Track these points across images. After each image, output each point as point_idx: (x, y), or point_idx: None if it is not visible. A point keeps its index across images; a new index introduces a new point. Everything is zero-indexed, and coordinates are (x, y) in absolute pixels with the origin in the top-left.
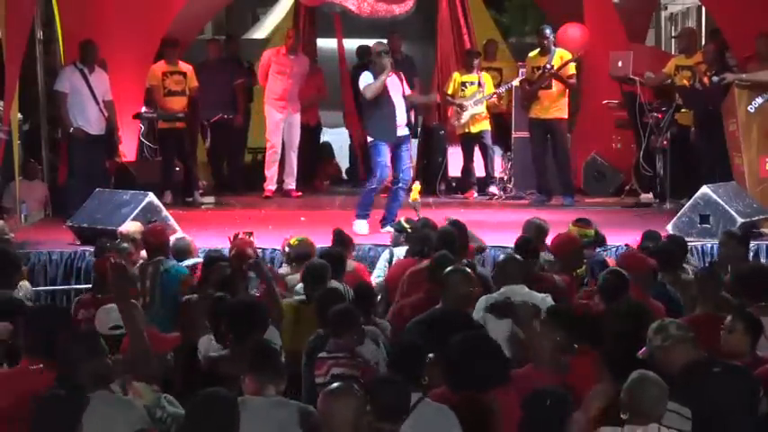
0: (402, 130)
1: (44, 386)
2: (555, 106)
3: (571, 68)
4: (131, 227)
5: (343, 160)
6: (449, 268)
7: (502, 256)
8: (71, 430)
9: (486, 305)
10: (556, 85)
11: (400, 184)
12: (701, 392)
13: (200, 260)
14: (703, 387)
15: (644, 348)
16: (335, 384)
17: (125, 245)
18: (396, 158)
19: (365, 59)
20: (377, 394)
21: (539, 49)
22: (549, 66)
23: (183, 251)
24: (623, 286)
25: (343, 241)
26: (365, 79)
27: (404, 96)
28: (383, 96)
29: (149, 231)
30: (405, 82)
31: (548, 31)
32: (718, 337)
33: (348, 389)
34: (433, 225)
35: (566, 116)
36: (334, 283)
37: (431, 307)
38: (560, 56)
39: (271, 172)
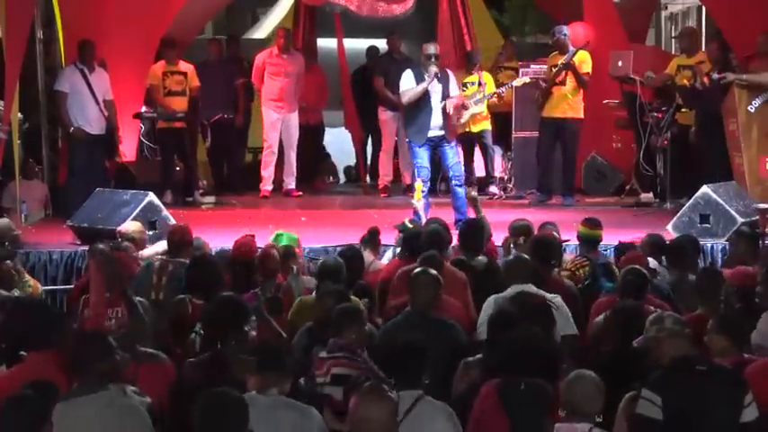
0: (436, 132)
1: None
2: (568, 104)
3: (586, 66)
4: (130, 226)
5: (343, 160)
6: (416, 270)
7: (510, 256)
8: (37, 430)
9: (494, 306)
10: (570, 82)
11: (453, 182)
12: (677, 387)
13: None
14: (680, 382)
15: (640, 338)
16: (368, 385)
17: (126, 243)
18: (441, 157)
19: (372, 61)
20: None
21: (557, 50)
22: (564, 62)
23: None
24: (644, 285)
25: (373, 241)
26: (406, 80)
27: (446, 98)
28: (422, 99)
29: (174, 229)
30: (452, 84)
31: (564, 30)
32: None
33: (381, 390)
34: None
35: (581, 116)
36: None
37: None
38: (581, 57)
39: (267, 172)
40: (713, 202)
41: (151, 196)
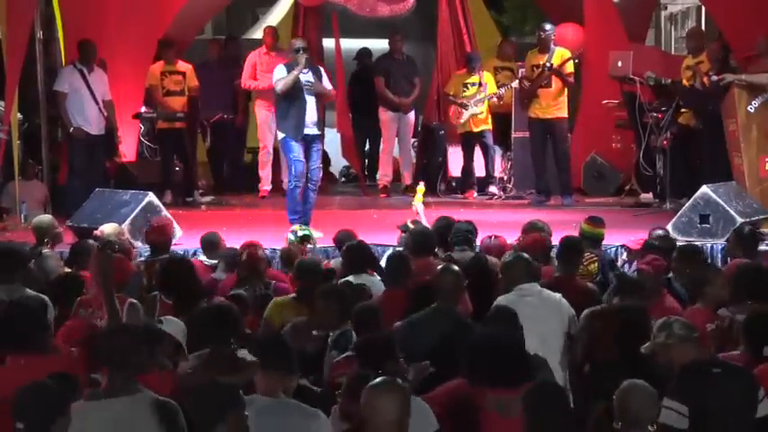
0: (311, 129)
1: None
2: (554, 105)
3: (569, 67)
4: (107, 228)
5: (342, 160)
6: (440, 266)
7: (508, 257)
8: (53, 420)
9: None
10: (555, 84)
11: (309, 184)
12: (699, 392)
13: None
14: (701, 387)
15: (648, 344)
16: (380, 379)
17: (126, 246)
18: (306, 157)
19: (366, 62)
20: None
21: (537, 47)
22: (548, 64)
23: (214, 245)
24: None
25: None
26: (278, 73)
27: (317, 96)
28: (294, 93)
29: (152, 229)
30: (324, 80)
31: (547, 27)
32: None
33: (394, 383)
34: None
35: (565, 115)
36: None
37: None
38: (560, 54)
39: (265, 172)
40: (713, 202)
41: (151, 196)
